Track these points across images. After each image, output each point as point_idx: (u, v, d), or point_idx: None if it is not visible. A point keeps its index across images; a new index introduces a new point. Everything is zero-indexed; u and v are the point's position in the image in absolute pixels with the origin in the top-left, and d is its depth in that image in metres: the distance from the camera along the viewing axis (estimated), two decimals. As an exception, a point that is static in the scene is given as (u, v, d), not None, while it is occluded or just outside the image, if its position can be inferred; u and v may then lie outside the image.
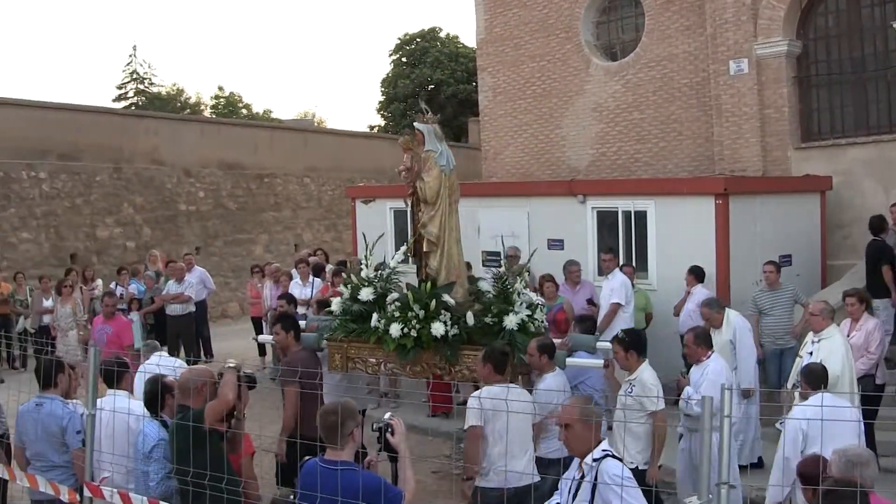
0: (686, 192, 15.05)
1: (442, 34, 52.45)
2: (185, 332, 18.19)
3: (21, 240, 23.66)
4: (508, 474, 7.71)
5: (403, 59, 52.19)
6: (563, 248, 15.60)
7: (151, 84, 68.92)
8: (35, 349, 15.29)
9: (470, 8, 24.37)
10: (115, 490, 6.74)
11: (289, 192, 30.49)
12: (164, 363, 9.93)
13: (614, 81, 21.26)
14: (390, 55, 53.27)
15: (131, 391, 8.06)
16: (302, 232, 30.69)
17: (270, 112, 69.93)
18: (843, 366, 9.82)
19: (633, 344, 8.97)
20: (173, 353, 16.50)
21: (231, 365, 7.04)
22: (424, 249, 10.10)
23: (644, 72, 20.63)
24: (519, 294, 10.04)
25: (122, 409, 7.51)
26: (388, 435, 6.23)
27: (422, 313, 9.49)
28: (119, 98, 67.28)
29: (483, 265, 16.02)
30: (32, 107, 25.24)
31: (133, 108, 62.25)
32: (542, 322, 10.28)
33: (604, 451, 5.90)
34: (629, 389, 8.80)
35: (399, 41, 52.85)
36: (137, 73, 68.36)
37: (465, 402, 9.70)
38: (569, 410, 6.15)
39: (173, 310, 18.01)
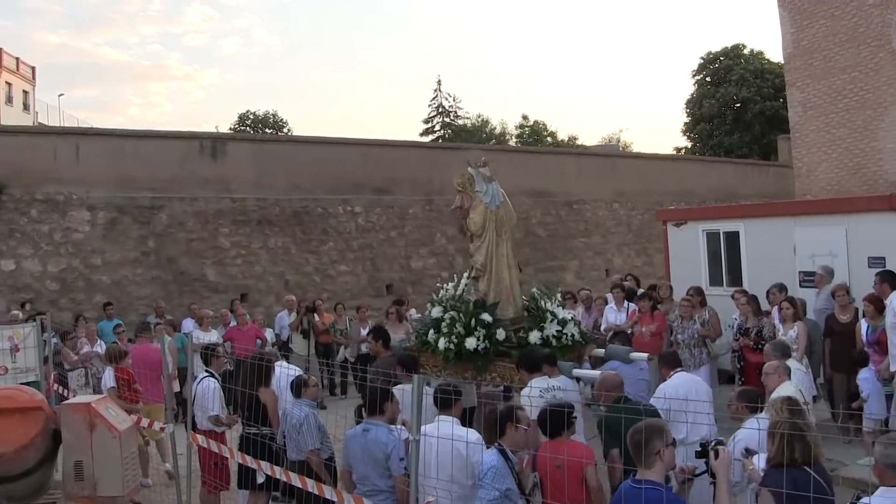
0: None
1: (746, 51, 51.37)
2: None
3: (339, 272, 25.00)
4: None
5: (707, 79, 51.49)
6: (884, 266, 14.90)
7: (457, 117, 71.19)
8: (356, 376, 15.79)
9: (775, 22, 23.82)
10: (440, 514, 6.91)
11: (598, 218, 30.57)
12: (291, 372, 11.07)
13: (932, 88, 20.22)
14: (694, 75, 52.76)
15: (459, 417, 8.28)
16: (612, 257, 30.70)
17: (576, 138, 70.56)
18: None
19: (521, 361, 10.46)
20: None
21: None
22: (472, 276, 11.99)
23: (965, 76, 19.52)
24: (551, 313, 11.77)
25: (449, 434, 7.66)
26: (712, 457, 6.23)
27: (462, 330, 11.31)
28: (426, 132, 70.01)
29: (800, 286, 15.62)
30: (347, 144, 26.81)
31: (440, 140, 64.42)
32: (574, 335, 11.78)
33: None
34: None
35: (702, 60, 52.23)
36: (443, 107, 70.83)
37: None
38: None
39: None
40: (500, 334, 11.29)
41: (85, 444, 7.46)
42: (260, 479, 9.91)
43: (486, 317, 11.40)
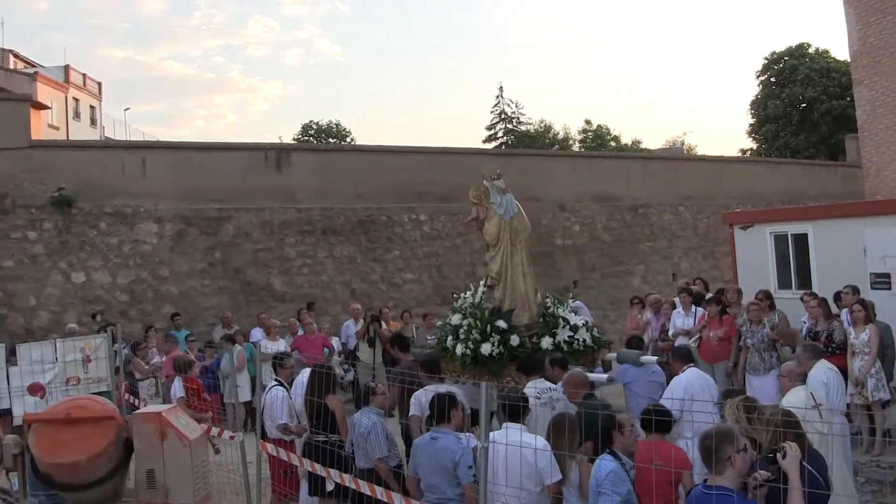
0: None
1: (811, 49, 50.62)
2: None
3: (405, 280, 25.01)
4: None
5: (772, 79, 50.83)
6: (956, 266, 14.64)
7: (519, 123, 71.10)
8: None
9: (840, 20, 23.50)
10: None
11: (663, 222, 30.21)
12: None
13: None
14: (758, 76, 52.10)
15: (524, 424, 8.28)
16: (679, 261, 30.32)
17: (640, 142, 70.08)
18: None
19: (519, 365, 11.07)
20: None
21: None
22: (488, 284, 12.61)
23: None
24: (563, 318, 12.35)
25: (518, 441, 7.74)
26: (780, 457, 6.10)
27: (478, 336, 11.81)
28: (489, 139, 70.06)
29: (872, 287, 15.35)
30: (411, 152, 26.83)
31: (503, 147, 64.42)
32: (585, 341, 12.24)
33: None
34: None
35: (766, 61, 51.62)
36: (505, 113, 70.80)
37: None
38: None
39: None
40: (514, 340, 11.82)
41: (156, 453, 7.57)
42: (329, 487, 9.96)
43: (501, 323, 11.91)
